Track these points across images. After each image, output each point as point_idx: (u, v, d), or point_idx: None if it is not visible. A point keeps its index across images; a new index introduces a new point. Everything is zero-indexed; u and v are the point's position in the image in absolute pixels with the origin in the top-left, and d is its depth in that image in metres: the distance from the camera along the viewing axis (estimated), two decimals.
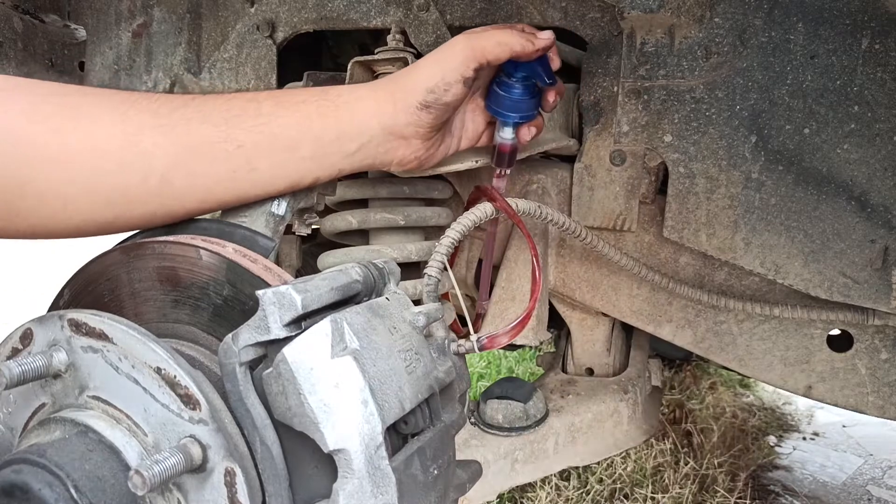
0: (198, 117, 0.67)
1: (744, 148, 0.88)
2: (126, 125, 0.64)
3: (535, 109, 0.83)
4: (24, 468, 0.50)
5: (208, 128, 0.67)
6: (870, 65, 0.82)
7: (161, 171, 0.65)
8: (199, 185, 0.67)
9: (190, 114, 0.67)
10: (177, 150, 0.65)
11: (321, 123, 0.72)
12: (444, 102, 0.75)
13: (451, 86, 0.75)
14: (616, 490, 2.21)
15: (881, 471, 2.47)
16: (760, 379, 1.02)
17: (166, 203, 0.67)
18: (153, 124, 0.65)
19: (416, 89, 0.75)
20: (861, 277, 0.86)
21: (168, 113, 0.66)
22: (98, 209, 0.64)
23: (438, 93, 0.74)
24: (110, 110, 0.64)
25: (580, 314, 1.18)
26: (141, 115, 0.65)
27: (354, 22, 1.05)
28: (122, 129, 0.64)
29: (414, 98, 0.75)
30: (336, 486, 0.50)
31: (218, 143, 0.67)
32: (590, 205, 0.99)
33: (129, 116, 0.64)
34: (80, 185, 0.62)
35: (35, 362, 0.54)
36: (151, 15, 1.19)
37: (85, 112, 0.63)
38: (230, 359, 0.51)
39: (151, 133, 0.65)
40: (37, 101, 0.62)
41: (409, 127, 0.76)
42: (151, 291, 0.63)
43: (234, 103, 0.69)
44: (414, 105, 0.75)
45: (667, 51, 0.90)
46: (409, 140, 0.77)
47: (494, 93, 0.82)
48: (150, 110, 0.66)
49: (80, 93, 0.65)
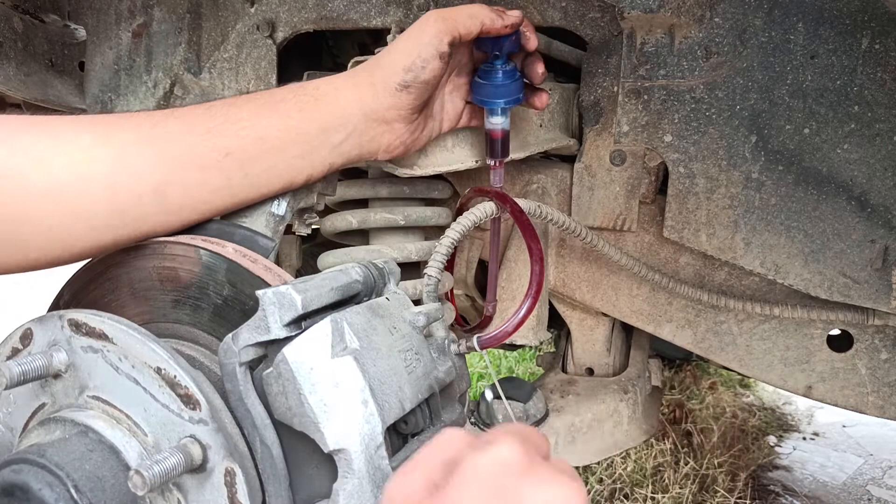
0: (180, 129, 0.66)
1: (744, 148, 0.88)
2: (110, 146, 0.63)
3: (520, 92, 0.83)
4: (24, 468, 0.50)
5: (193, 138, 0.66)
6: (870, 65, 0.82)
7: (154, 186, 0.64)
8: (195, 197, 0.66)
9: (172, 127, 0.66)
10: (166, 165, 0.64)
11: (304, 119, 0.72)
12: (422, 80, 0.75)
13: (428, 62, 0.74)
14: (616, 490, 2.21)
15: (881, 471, 2.47)
16: (760, 379, 1.02)
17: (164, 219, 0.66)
18: (137, 140, 0.64)
19: (394, 70, 0.75)
20: (861, 277, 0.86)
21: (150, 128, 0.65)
22: (98, 234, 0.63)
23: (416, 70, 0.74)
24: (91, 133, 0.63)
25: (580, 314, 1.18)
26: (123, 135, 0.64)
27: (354, 22, 1.05)
28: (107, 152, 0.62)
29: (392, 80, 0.75)
30: (336, 486, 0.50)
31: (206, 153, 0.66)
32: (590, 205, 0.99)
33: (111, 137, 0.63)
34: (73, 213, 0.61)
35: (35, 362, 0.54)
36: (151, 15, 1.19)
37: (66, 138, 0.62)
38: (230, 359, 0.51)
39: (137, 150, 0.64)
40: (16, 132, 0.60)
41: (390, 110, 0.76)
42: (151, 291, 0.63)
43: (215, 111, 0.69)
44: (393, 86, 0.75)
45: (667, 51, 0.90)
46: (392, 124, 0.77)
47: (476, 83, 0.83)
48: (132, 128, 0.65)
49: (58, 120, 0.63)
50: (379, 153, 0.80)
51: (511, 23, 0.78)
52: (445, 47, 0.75)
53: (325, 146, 0.73)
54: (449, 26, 0.75)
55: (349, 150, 0.76)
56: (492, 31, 0.77)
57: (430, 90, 0.78)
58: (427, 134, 0.84)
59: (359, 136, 0.76)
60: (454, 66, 0.84)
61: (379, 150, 0.79)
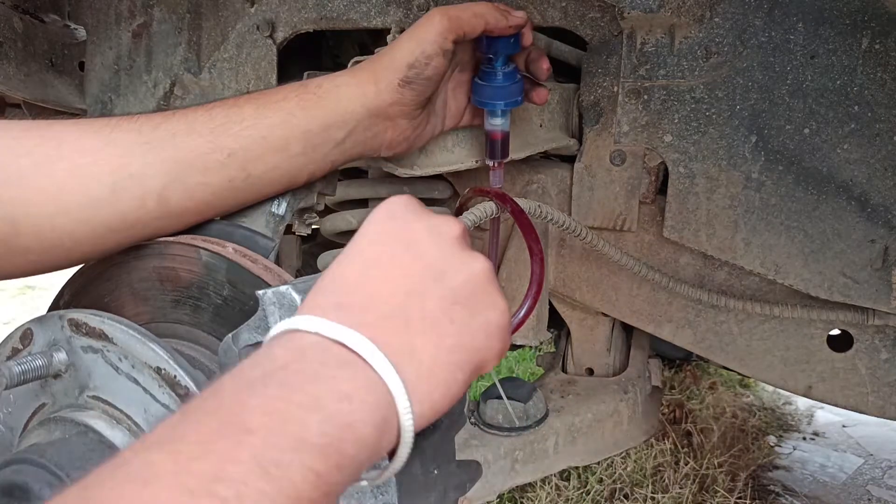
0: (183, 130, 0.66)
1: (744, 148, 0.88)
2: (112, 148, 0.63)
3: (519, 94, 0.83)
4: (24, 468, 0.50)
5: (195, 138, 0.66)
6: (870, 65, 0.82)
7: (157, 190, 0.64)
8: (197, 199, 0.66)
9: (174, 128, 0.66)
10: (169, 167, 0.64)
11: (306, 117, 0.72)
12: (425, 77, 0.75)
13: (432, 59, 0.74)
14: (616, 490, 2.22)
15: (881, 471, 2.47)
16: (760, 379, 1.02)
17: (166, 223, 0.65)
18: (139, 142, 0.64)
19: (397, 66, 0.75)
20: (861, 277, 0.86)
21: (151, 130, 0.65)
22: (99, 238, 0.63)
23: (419, 67, 0.74)
24: (93, 136, 0.63)
25: (580, 314, 1.18)
26: (125, 136, 0.64)
27: (354, 22, 1.05)
28: (109, 154, 0.62)
29: (395, 75, 0.74)
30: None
31: (209, 154, 0.66)
32: (590, 205, 0.99)
33: (113, 139, 0.63)
34: (75, 216, 0.61)
35: (35, 362, 0.54)
36: (151, 15, 1.19)
37: (68, 141, 0.62)
38: (230, 359, 0.51)
39: (140, 152, 0.63)
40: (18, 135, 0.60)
41: (393, 106, 0.75)
42: (151, 291, 0.63)
43: (216, 111, 0.68)
44: (396, 82, 0.74)
45: (667, 51, 0.90)
46: (395, 120, 0.77)
47: (477, 85, 0.83)
48: (134, 130, 0.64)
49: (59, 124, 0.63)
50: (381, 150, 0.79)
51: (515, 23, 0.78)
52: (449, 45, 0.75)
53: (328, 143, 0.73)
54: (454, 24, 0.74)
55: (352, 146, 0.76)
56: (495, 31, 0.77)
57: (432, 87, 0.78)
58: (430, 130, 0.84)
59: (361, 133, 0.75)
60: (457, 63, 0.83)
61: (382, 146, 0.79)
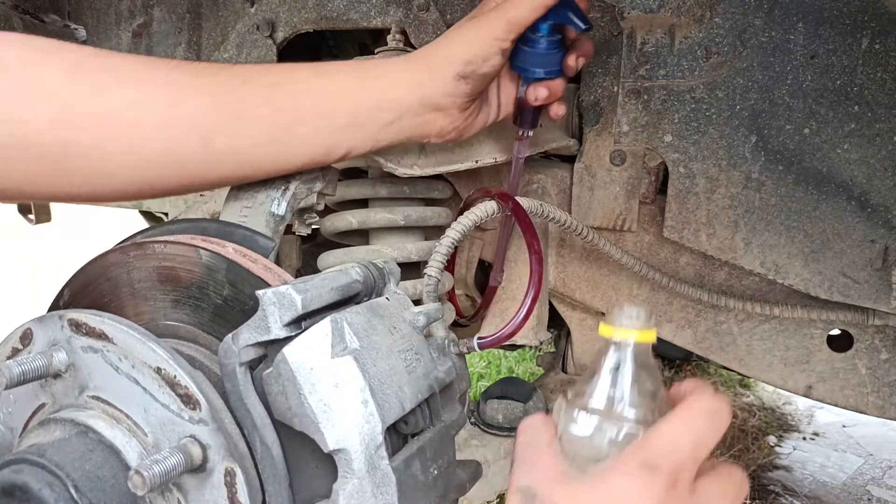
0: (240, 80, 0.68)
1: (744, 148, 0.88)
2: (170, 86, 0.65)
3: (559, 65, 0.80)
4: (24, 468, 0.50)
5: (250, 90, 0.68)
6: (870, 65, 0.82)
7: (203, 131, 0.65)
8: (238, 148, 0.68)
9: (232, 78, 0.68)
10: (219, 112, 0.66)
11: (359, 92, 0.72)
12: (482, 73, 0.74)
13: (490, 57, 0.74)
14: None
15: (881, 471, 2.47)
16: (760, 379, 1.02)
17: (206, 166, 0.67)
18: (197, 85, 0.66)
19: (454, 61, 0.74)
20: (861, 277, 0.86)
21: (211, 75, 0.67)
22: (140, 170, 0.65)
23: (476, 64, 0.74)
24: (153, 72, 0.65)
25: (580, 314, 1.18)
26: (185, 77, 0.66)
27: (354, 22, 1.05)
28: (166, 91, 0.64)
29: (451, 69, 0.74)
30: (336, 486, 0.50)
31: (259, 107, 0.68)
32: (590, 205, 0.99)
33: (172, 78, 0.65)
34: (124, 143, 0.63)
35: (35, 362, 0.54)
36: (151, 15, 1.19)
37: (127, 73, 0.64)
38: (230, 359, 0.51)
39: (195, 94, 0.65)
40: (80, 61, 0.62)
41: (446, 97, 0.75)
42: (151, 291, 0.63)
43: (274, 70, 0.71)
44: (451, 75, 0.74)
45: (667, 51, 0.90)
46: (447, 111, 0.77)
47: (519, 49, 0.79)
48: (194, 72, 0.67)
49: (121, 56, 0.66)
50: (431, 136, 0.79)
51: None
52: (508, 45, 0.74)
53: (376, 123, 0.74)
54: (514, 27, 0.74)
55: (398, 130, 0.76)
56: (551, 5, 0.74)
57: (488, 81, 0.77)
58: (482, 120, 0.83)
59: (411, 119, 0.75)
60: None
61: (431, 134, 0.79)
